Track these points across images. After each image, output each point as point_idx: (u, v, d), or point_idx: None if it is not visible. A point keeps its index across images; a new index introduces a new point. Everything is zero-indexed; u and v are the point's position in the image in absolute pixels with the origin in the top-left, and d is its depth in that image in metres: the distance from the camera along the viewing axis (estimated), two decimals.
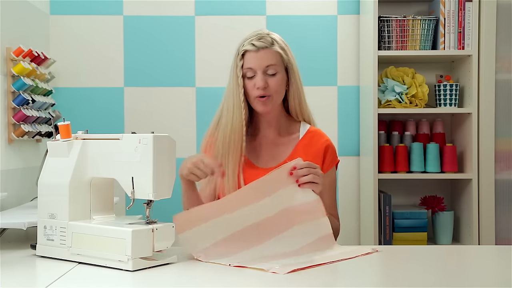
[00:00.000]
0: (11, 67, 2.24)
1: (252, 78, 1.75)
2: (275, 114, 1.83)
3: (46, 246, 1.56)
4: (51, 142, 1.61)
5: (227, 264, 1.46)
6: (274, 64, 1.74)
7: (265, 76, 1.74)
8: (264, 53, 1.74)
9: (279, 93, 1.78)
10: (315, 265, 1.44)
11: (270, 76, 1.75)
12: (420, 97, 2.70)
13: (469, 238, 2.68)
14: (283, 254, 1.53)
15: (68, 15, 2.86)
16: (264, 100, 1.75)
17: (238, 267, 1.44)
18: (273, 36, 1.78)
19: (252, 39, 1.76)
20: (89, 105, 2.86)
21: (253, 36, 1.77)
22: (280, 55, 1.76)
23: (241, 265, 1.45)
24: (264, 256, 1.51)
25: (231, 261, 1.48)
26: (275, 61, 1.75)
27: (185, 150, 2.86)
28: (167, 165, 1.49)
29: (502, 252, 1.69)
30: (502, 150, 2.64)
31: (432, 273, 1.39)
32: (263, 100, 1.75)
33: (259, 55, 1.74)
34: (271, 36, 1.78)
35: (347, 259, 1.51)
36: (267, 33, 1.79)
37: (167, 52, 2.89)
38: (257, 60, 1.74)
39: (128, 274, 1.38)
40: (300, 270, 1.39)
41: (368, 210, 2.72)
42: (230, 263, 1.46)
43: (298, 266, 1.41)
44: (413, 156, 2.71)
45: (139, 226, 1.44)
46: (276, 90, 1.76)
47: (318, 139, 1.84)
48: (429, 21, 2.70)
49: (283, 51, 1.77)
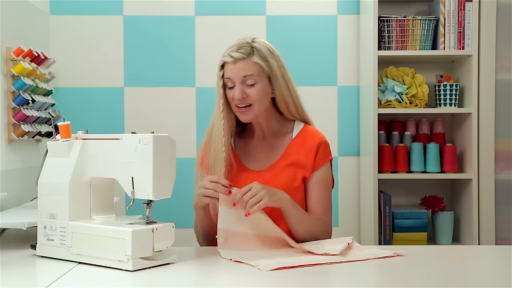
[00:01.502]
0: (11, 67, 2.24)
1: (232, 89, 1.75)
2: (265, 117, 1.82)
3: (46, 246, 1.56)
4: (51, 142, 1.61)
5: (228, 258, 1.51)
6: (252, 75, 1.73)
7: (244, 86, 1.73)
8: (242, 64, 1.72)
9: (261, 101, 1.76)
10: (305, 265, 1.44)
11: (249, 86, 1.74)
12: (420, 97, 2.70)
13: (469, 238, 2.68)
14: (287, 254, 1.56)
15: (68, 15, 2.86)
16: (244, 111, 1.76)
17: (237, 262, 1.48)
18: (255, 45, 1.75)
19: (231, 50, 1.75)
20: (89, 105, 2.86)
21: (234, 46, 1.76)
22: (258, 65, 1.74)
23: (240, 260, 1.48)
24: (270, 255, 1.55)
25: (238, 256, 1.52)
26: (253, 71, 1.73)
27: (185, 150, 2.86)
28: (167, 165, 1.49)
29: (502, 252, 1.69)
30: (502, 150, 2.65)
31: (432, 273, 1.39)
32: (243, 111, 1.76)
33: (236, 66, 1.73)
34: (252, 45, 1.75)
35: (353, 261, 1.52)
36: (249, 41, 1.76)
37: (167, 52, 2.89)
38: (235, 71, 1.73)
39: (128, 274, 1.38)
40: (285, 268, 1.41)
41: (368, 210, 2.72)
42: (232, 258, 1.51)
43: (285, 265, 1.43)
44: (413, 156, 2.71)
45: (139, 226, 1.44)
46: (256, 99, 1.74)
47: (311, 137, 1.83)
48: (429, 21, 2.70)
49: (263, 61, 1.74)
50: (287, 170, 1.79)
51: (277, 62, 1.78)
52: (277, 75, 1.77)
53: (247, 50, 1.74)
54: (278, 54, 1.81)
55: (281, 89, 1.78)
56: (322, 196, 1.80)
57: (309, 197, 1.81)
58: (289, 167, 1.79)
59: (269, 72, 1.76)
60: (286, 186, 1.75)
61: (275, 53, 1.79)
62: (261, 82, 1.75)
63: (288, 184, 1.76)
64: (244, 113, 1.76)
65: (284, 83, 1.79)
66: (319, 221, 1.77)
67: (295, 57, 2.89)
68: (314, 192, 1.80)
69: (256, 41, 1.77)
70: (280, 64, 1.79)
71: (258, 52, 1.74)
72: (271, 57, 1.77)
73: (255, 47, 1.75)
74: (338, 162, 2.91)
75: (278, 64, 1.78)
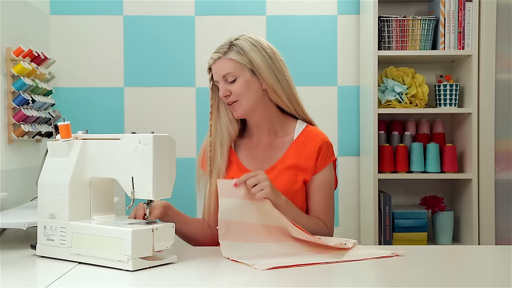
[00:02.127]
0: (11, 67, 2.24)
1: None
2: (265, 116, 1.81)
3: (46, 246, 1.56)
4: (51, 142, 1.61)
5: (226, 257, 1.52)
6: (230, 72, 1.74)
7: (226, 84, 1.75)
8: (219, 63, 1.75)
9: (246, 95, 1.75)
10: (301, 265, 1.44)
11: (230, 83, 1.75)
12: (420, 97, 2.70)
13: (469, 238, 2.68)
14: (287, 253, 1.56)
15: (68, 15, 2.86)
16: (232, 106, 1.78)
17: (233, 261, 1.49)
18: (236, 42, 1.75)
19: (213, 51, 1.78)
20: (89, 105, 2.86)
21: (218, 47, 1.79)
22: (234, 61, 1.73)
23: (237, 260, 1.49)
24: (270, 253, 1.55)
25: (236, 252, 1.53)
26: (230, 68, 1.73)
27: (185, 150, 2.87)
28: (167, 165, 1.49)
29: (502, 252, 1.69)
30: (502, 150, 2.64)
31: (432, 273, 1.39)
32: (231, 107, 1.78)
33: (216, 66, 1.76)
34: (233, 42, 1.76)
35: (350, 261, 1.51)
36: (232, 39, 1.77)
37: (167, 52, 2.89)
38: (215, 71, 1.76)
39: (128, 274, 1.38)
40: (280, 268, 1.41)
41: (368, 210, 2.72)
42: (230, 256, 1.52)
43: (281, 264, 1.43)
44: (413, 156, 2.71)
45: (139, 226, 1.44)
46: (239, 94, 1.74)
47: (313, 138, 1.81)
48: (429, 21, 2.70)
49: (240, 56, 1.73)
50: (287, 173, 1.77)
51: (261, 53, 1.75)
52: (261, 66, 1.75)
53: (224, 48, 1.75)
54: (267, 46, 1.78)
55: (269, 80, 1.76)
56: (323, 198, 1.79)
57: (310, 200, 1.79)
58: (289, 170, 1.78)
59: (249, 65, 1.74)
60: (286, 189, 1.73)
61: (261, 45, 1.77)
62: (242, 76, 1.74)
63: (288, 187, 1.75)
64: (233, 109, 1.78)
65: (271, 73, 1.76)
66: (319, 223, 1.76)
67: (295, 57, 2.89)
68: (316, 195, 1.79)
69: (240, 38, 1.77)
70: (265, 55, 1.76)
71: (236, 48, 1.74)
72: (253, 50, 1.75)
73: (235, 43, 1.75)
74: (338, 162, 2.91)
75: (263, 55, 1.75)
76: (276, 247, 1.59)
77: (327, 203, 1.80)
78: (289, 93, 1.81)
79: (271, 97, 1.79)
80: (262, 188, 1.60)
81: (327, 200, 1.80)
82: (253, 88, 1.76)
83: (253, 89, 1.76)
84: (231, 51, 1.75)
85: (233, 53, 1.74)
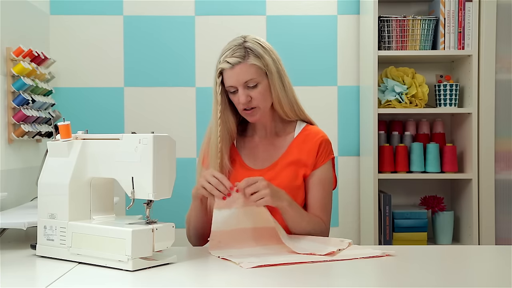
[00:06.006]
0: (11, 67, 2.24)
1: (235, 93, 1.74)
2: (269, 116, 1.83)
3: (46, 246, 1.56)
4: (51, 142, 1.61)
5: (217, 256, 1.53)
6: (252, 78, 1.71)
7: (247, 90, 1.72)
8: (240, 69, 1.70)
9: (265, 101, 1.76)
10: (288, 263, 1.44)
11: (251, 89, 1.73)
12: (420, 97, 2.70)
13: (469, 238, 2.68)
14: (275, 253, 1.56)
15: (68, 15, 2.86)
16: (251, 112, 1.76)
17: (224, 259, 1.51)
18: (247, 45, 1.73)
19: (226, 55, 1.72)
20: (89, 105, 2.86)
21: (228, 50, 1.73)
22: (256, 66, 1.71)
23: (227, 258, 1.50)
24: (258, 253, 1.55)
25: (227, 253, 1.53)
26: (252, 73, 1.71)
27: (185, 150, 2.87)
28: (167, 165, 1.49)
29: (502, 252, 1.69)
30: (502, 150, 2.64)
31: (432, 273, 1.39)
32: (249, 112, 1.76)
33: (235, 71, 1.71)
34: (245, 45, 1.72)
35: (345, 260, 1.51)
36: (241, 42, 1.73)
37: (167, 52, 2.89)
38: (234, 77, 1.71)
39: (128, 274, 1.38)
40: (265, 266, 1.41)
41: (368, 210, 2.72)
42: (220, 255, 1.53)
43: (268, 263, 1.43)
44: (413, 156, 2.71)
45: (139, 226, 1.44)
46: (260, 100, 1.74)
47: (313, 136, 1.83)
48: (429, 21, 2.70)
49: (259, 60, 1.72)
50: (288, 169, 1.80)
51: (271, 57, 1.75)
52: (273, 71, 1.75)
53: (240, 52, 1.71)
54: (270, 47, 1.78)
55: (275, 84, 1.75)
56: (321, 194, 1.81)
57: (308, 195, 1.81)
58: (290, 166, 1.80)
59: (265, 69, 1.74)
60: (287, 185, 1.75)
61: (268, 47, 1.76)
62: (262, 82, 1.74)
63: (289, 183, 1.77)
64: (251, 115, 1.76)
65: (279, 79, 1.76)
66: (317, 221, 1.78)
67: (295, 57, 2.89)
68: (314, 190, 1.80)
69: (248, 40, 1.74)
70: (274, 58, 1.76)
71: (253, 52, 1.72)
72: (265, 53, 1.74)
73: (248, 47, 1.72)
74: (338, 162, 2.91)
75: (272, 58, 1.76)
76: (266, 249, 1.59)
77: (324, 199, 1.81)
78: (292, 102, 1.81)
79: (275, 107, 1.80)
80: (262, 196, 1.59)
81: (324, 196, 1.81)
82: (270, 92, 1.77)
83: (270, 93, 1.77)
84: (250, 55, 1.71)
85: (252, 57, 1.71)
